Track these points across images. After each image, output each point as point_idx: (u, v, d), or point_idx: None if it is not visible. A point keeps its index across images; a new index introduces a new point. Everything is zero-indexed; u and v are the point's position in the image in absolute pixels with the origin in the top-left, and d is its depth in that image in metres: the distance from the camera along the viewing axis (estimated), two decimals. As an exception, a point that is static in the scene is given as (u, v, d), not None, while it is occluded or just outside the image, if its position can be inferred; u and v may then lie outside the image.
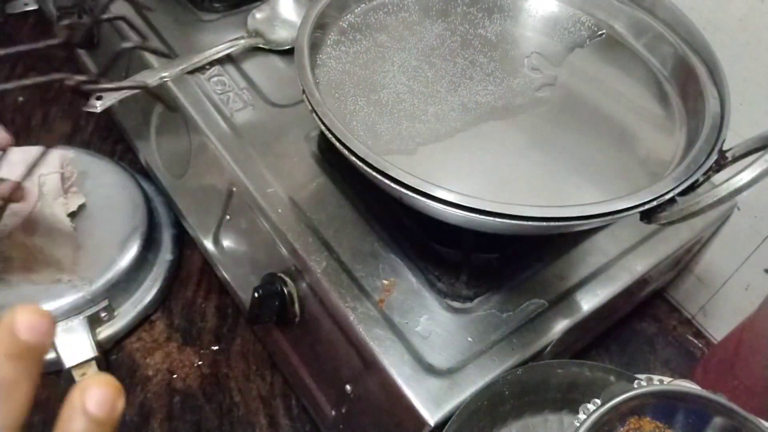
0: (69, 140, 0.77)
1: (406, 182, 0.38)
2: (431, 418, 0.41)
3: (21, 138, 0.76)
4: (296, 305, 0.50)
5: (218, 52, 0.61)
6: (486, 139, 0.47)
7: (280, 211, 0.50)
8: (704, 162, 0.41)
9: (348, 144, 0.40)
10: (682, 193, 0.40)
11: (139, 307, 0.60)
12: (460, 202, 0.37)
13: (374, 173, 0.39)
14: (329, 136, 0.41)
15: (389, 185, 0.39)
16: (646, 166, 0.46)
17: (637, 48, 0.55)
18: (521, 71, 0.52)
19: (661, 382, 0.43)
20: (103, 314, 0.57)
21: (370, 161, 0.39)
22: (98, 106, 0.55)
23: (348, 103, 0.47)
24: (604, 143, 0.47)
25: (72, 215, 0.59)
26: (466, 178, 0.44)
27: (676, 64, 0.52)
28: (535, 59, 0.53)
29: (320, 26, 0.50)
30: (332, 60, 0.50)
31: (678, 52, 0.52)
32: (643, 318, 0.70)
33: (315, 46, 0.49)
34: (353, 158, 0.40)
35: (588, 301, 0.50)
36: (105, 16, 0.38)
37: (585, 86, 0.52)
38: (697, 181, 0.40)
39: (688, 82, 0.50)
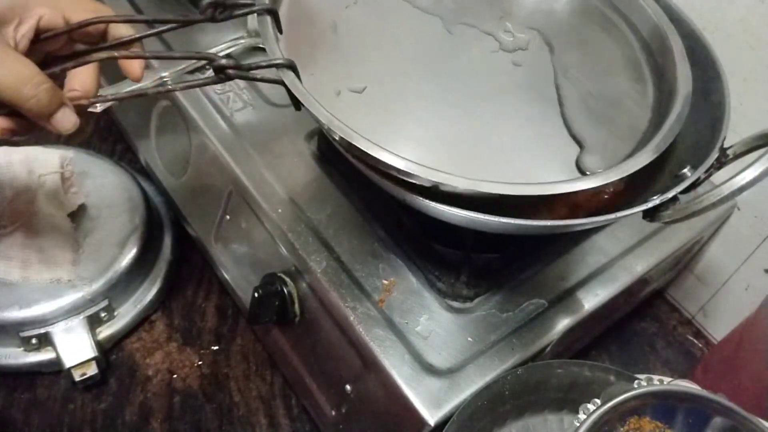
0: (69, 140, 0.77)
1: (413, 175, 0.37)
2: (431, 418, 0.41)
3: (21, 138, 0.76)
4: (296, 305, 0.50)
5: (218, 52, 0.61)
6: (454, 105, 0.44)
7: (280, 211, 0.50)
8: (706, 159, 0.41)
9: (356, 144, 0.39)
10: (684, 191, 0.40)
11: (139, 307, 0.60)
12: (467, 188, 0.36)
13: (375, 173, 0.39)
14: (333, 139, 0.41)
15: (390, 185, 0.38)
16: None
17: (618, 22, 0.52)
18: (496, 33, 0.50)
19: (661, 382, 0.43)
20: (103, 314, 0.57)
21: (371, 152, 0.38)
22: (98, 106, 0.55)
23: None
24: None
25: (72, 215, 0.59)
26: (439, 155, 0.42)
27: (652, 37, 0.50)
28: (510, 22, 0.50)
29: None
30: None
31: (657, 24, 0.49)
32: (643, 318, 0.70)
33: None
34: (351, 158, 0.40)
35: (588, 301, 0.50)
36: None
37: (560, 54, 0.49)
38: (699, 178, 0.40)
39: (664, 60, 0.49)
